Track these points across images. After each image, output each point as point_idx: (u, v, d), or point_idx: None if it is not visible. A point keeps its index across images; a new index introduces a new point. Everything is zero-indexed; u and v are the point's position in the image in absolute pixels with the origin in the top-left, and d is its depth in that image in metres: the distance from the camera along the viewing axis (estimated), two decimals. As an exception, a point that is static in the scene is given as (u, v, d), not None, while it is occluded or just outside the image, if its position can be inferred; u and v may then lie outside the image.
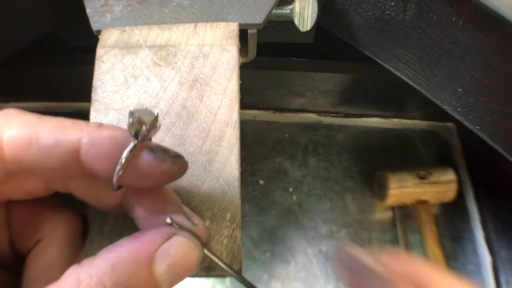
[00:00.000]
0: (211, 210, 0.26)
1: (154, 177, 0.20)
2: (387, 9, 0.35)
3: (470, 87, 0.34)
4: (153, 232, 0.20)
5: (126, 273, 0.18)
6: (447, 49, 0.33)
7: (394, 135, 0.72)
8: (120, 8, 0.32)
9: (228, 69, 0.30)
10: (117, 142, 0.19)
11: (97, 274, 0.18)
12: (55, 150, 0.19)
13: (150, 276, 0.19)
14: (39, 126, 0.19)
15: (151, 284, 0.19)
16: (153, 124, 0.20)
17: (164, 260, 0.20)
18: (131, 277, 0.18)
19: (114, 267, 0.18)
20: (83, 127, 0.20)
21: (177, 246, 0.20)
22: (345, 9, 0.38)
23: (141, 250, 0.19)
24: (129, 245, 0.19)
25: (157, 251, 0.20)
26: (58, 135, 0.19)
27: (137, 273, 0.19)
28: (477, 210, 0.66)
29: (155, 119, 0.20)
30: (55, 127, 0.19)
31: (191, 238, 0.21)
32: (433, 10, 0.32)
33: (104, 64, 0.29)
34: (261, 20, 0.32)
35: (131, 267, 0.19)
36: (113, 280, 0.18)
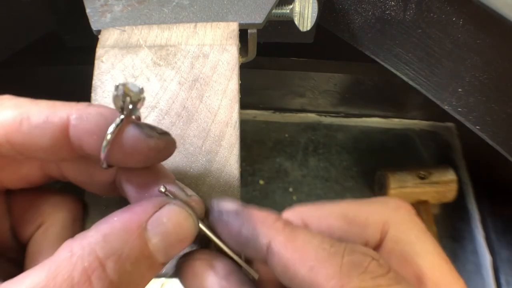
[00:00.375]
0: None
1: (141, 154, 0.21)
2: (387, 9, 0.35)
3: (470, 87, 0.34)
4: (145, 202, 0.20)
5: (117, 243, 0.18)
6: (447, 49, 0.33)
7: (394, 135, 0.72)
8: (120, 8, 0.32)
9: (228, 69, 0.29)
10: (105, 118, 0.20)
11: (89, 245, 0.18)
12: (46, 128, 0.20)
13: (143, 245, 0.19)
14: (30, 107, 0.20)
15: (145, 253, 0.19)
16: (137, 96, 0.20)
17: (156, 229, 0.19)
18: (123, 246, 0.18)
19: (106, 237, 0.18)
20: (72, 105, 0.20)
21: (170, 215, 0.20)
22: (345, 9, 0.38)
23: (132, 219, 0.19)
24: (121, 216, 0.19)
25: (149, 220, 0.19)
26: (48, 113, 0.20)
27: (128, 242, 0.18)
28: (477, 210, 0.66)
29: (140, 91, 0.20)
30: (46, 106, 0.20)
31: (185, 207, 0.21)
32: (433, 10, 0.32)
33: (104, 64, 0.29)
34: (261, 20, 0.32)
35: (122, 236, 0.18)
36: (105, 249, 0.18)
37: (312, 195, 0.66)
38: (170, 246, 0.20)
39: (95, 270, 0.17)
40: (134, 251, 0.19)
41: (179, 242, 0.20)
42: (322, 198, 0.66)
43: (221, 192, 0.27)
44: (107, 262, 0.18)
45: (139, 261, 0.19)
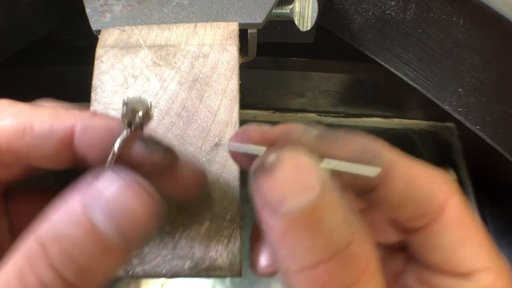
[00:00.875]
0: (211, 210, 0.26)
1: (145, 169, 0.20)
2: (388, 9, 0.35)
3: (471, 87, 0.33)
4: (88, 176, 0.18)
5: (62, 225, 0.17)
6: (447, 49, 0.33)
7: (394, 135, 0.71)
8: (119, 8, 0.32)
9: (228, 69, 0.29)
10: (111, 131, 0.19)
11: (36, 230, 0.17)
12: (49, 138, 0.19)
13: (88, 225, 0.16)
14: (32, 115, 0.19)
15: (92, 235, 0.17)
16: (146, 113, 0.20)
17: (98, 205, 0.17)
18: (65, 227, 0.16)
19: (52, 218, 0.17)
20: (77, 115, 0.20)
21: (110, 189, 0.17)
22: (345, 8, 0.38)
23: (74, 196, 0.17)
24: (67, 193, 0.18)
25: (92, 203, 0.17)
26: (52, 123, 0.19)
27: (73, 223, 0.16)
28: (477, 210, 0.66)
29: (149, 108, 0.20)
30: (49, 115, 0.19)
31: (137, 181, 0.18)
32: (433, 10, 0.32)
33: (103, 64, 0.29)
34: (261, 20, 0.32)
35: (64, 217, 0.17)
36: (51, 234, 0.16)
37: (312, 195, 0.66)
38: (122, 226, 0.17)
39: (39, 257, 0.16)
40: (78, 232, 0.16)
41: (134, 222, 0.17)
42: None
43: (221, 192, 0.27)
44: (51, 247, 0.16)
45: (85, 244, 0.16)
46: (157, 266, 0.25)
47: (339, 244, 0.16)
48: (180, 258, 0.25)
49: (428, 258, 0.22)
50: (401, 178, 0.20)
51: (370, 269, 0.17)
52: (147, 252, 0.25)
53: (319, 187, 0.16)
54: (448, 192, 0.21)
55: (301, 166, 0.17)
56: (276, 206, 0.16)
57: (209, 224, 0.26)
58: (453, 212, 0.21)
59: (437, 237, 0.21)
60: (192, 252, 0.26)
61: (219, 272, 0.25)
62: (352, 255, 0.16)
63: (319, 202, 0.16)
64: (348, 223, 0.16)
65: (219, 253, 0.26)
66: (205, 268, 0.25)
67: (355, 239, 0.16)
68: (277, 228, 0.16)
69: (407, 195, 0.20)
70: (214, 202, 0.26)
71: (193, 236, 0.26)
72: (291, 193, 0.16)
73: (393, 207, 0.21)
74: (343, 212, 0.17)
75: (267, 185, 0.17)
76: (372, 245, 0.17)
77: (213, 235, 0.26)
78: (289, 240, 0.16)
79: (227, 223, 0.26)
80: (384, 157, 0.21)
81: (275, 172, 0.16)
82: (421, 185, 0.21)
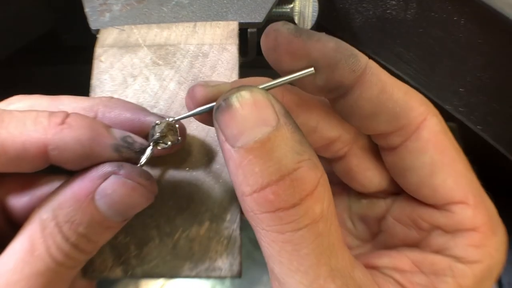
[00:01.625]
0: (211, 210, 0.26)
1: None
2: (388, 8, 0.35)
3: (472, 87, 0.33)
4: (93, 172, 0.21)
5: (70, 210, 0.20)
6: (448, 49, 0.33)
7: (395, 135, 0.71)
8: (119, 7, 0.32)
9: (227, 69, 0.29)
10: (82, 145, 0.21)
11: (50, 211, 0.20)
12: (24, 156, 0.20)
13: (93, 212, 0.21)
14: (1, 137, 0.20)
15: (96, 218, 0.21)
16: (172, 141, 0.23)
17: (103, 199, 0.21)
18: (75, 213, 0.20)
19: (61, 204, 0.20)
20: (46, 127, 0.20)
21: (114, 187, 0.21)
22: (345, 8, 0.38)
23: (81, 188, 0.21)
24: (72, 184, 0.21)
25: (96, 190, 0.21)
26: (24, 142, 0.20)
27: (80, 209, 0.20)
28: (477, 210, 0.66)
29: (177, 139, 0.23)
30: (18, 133, 0.20)
31: (134, 177, 0.21)
32: (434, 9, 0.32)
33: (102, 64, 0.29)
34: (261, 19, 0.32)
35: (73, 204, 0.20)
36: (61, 216, 0.20)
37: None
38: (121, 211, 0.21)
39: (56, 235, 0.20)
40: (86, 217, 0.20)
41: (131, 208, 0.22)
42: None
43: (221, 192, 0.26)
44: (64, 227, 0.20)
45: (92, 225, 0.21)
46: (157, 267, 0.25)
47: (286, 169, 0.18)
48: (180, 259, 0.25)
49: (405, 183, 0.23)
50: (374, 83, 0.21)
51: (316, 193, 0.18)
52: (146, 253, 0.25)
53: (274, 122, 0.18)
54: (425, 111, 0.22)
55: (258, 103, 0.19)
56: (235, 139, 0.18)
57: (209, 224, 0.26)
58: (429, 133, 0.21)
59: (412, 158, 0.22)
60: (191, 253, 0.25)
61: (218, 273, 0.25)
62: (298, 179, 0.18)
63: (272, 136, 0.18)
64: (297, 153, 0.18)
65: (219, 254, 0.25)
66: (204, 268, 0.25)
67: (303, 165, 0.18)
68: (234, 158, 0.19)
69: (380, 103, 0.21)
70: (214, 202, 0.26)
71: (192, 236, 0.26)
72: (248, 127, 0.18)
73: (366, 115, 0.22)
74: (293, 143, 0.19)
75: (226, 121, 0.19)
76: (321, 174, 0.19)
77: (212, 236, 0.26)
78: (244, 167, 0.18)
79: (227, 224, 0.26)
80: (360, 59, 0.21)
81: (233, 109, 0.19)
82: (396, 97, 0.21)
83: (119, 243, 0.25)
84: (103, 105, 0.23)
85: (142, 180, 0.21)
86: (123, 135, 0.22)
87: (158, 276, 0.26)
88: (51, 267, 0.20)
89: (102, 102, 0.24)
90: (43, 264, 0.20)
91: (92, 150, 0.21)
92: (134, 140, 0.22)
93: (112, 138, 0.21)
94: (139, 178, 0.21)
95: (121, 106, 0.24)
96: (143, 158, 0.22)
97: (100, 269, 0.25)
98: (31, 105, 0.23)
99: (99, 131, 0.21)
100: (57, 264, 0.20)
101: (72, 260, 0.21)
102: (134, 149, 0.22)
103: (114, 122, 0.23)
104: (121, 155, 0.22)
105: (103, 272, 0.25)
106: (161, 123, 0.22)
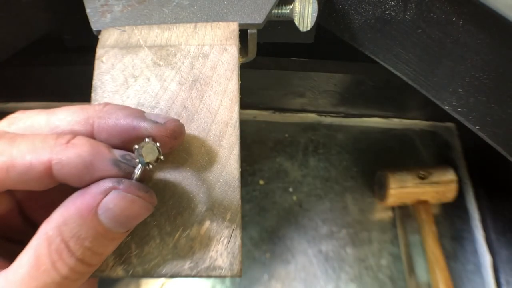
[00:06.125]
0: (211, 210, 0.26)
1: None
2: (387, 9, 0.35)
3: (470, 87, 0.34)
4: (94, 187, 0.22)
5: (75, 225, 0.21)
6: (447, 49, 0.33)
7: (394, 135, 0.72)
8: (120, 8, 0.32)
9: (228, 69, 0.29)
10: (83, 161, 0.22)
11: (56, 228, 0.21)
12: (30, 173, 0.21)
13: (97, 226, 0.22)
14: (12, 151, 0.21)
15: (101, 232, 0.22)
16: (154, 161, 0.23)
17: (105, 213, 0.22)
18: (80, 228, 0.21)
19: (66, 221, 0.21)
20: (52, 146, 0.22)
21: (115, 201, 0.22)
22: (345, 9, 0.38)
23: (83, 204, 0.22)
24: (75, 201, 0.22)
25: (99, 205, 0.22)
26: (31, 158, 0.21)
27: (84, 225, 0.21)
28: (477, 210, 0.66)
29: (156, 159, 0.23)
30: (27, 150, 0.22)
31: (133, 191, 0.22)
32: (433, 10, 0.32)
33: (104, 64, 0.29)
34: (261, 20, 0.32)
35: (78, 220, 0.21)
36: (66, 232, 0.21)
37: (312, 195, 0.66)
38: (123, 223, 0.23)
39: (62, 250, 0.21)
40: (90, 231, 0.22)
41: (133, 220, 0.23)
42: (322, 198, 0.66)
43: (221, 192, 0.27)
44: (70, 242, 0.21)
45: (97, 238, 0.22)
46: (157, 266, 0.25)
47: None
48: (180, 258, 0.26)
49: None
50: None
51: None
52: (147, 252, 0.26)
53: None
54: None
55: None
56: None
57: (209, 224, 0.26)
58: None
59: None
60: (192, 252, 0.26)
61: (219, 272, 0.25)
62: None
63: None
64: None
65: (219, 253, 0.26)
66: (205, 268, 0.25)
67: None
68: None
69: None
70: (214, 202, 0.26)
71: (193, 236, 0.26)
72: None
73: None
74: None
75: None
76: None
77: (213, 235, 0.26)
78: None
79: (227, 223, 0.26)
80: None
81: None
82: None
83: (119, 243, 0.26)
84: (97, 117, 0.24)
85: (141, 193, 0.23)
86: (122, 154, 0.23)
87: (158, 275, 0.26)
88: (57, 281, 0.21)
89: (97, 113, 0.24)
90: (50, 278, 0.21)
91: (93, 164, 0.22)
92: (132, 157, 0.23)
93: (111, 154, 0.23)
94: (137, 191, 0.22)
95: (116, 114, 0.24)
96: (134, 175, 0.23)
97: (101, 268, 0.25)
98: (31, 124, 0.24)
99: (100, 148, 0.22)
100: (63, 278, 0.21)
101: (77, 274, 0.22)
102: (133, 164, 0.23)
103: (110, 134, 0.24)
104: (120, 169, 0.23)
105: (104, 272, 0.25)
106: (140, 147, 0.23)
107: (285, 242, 0.62)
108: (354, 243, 0.63)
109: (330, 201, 0.66)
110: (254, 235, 0.62)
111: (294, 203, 0.65)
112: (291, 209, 0.65)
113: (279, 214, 0.64)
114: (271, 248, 0.61)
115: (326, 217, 0.64)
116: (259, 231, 0.62)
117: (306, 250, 0.62)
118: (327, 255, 0.62)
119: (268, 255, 0.61)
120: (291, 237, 0.63)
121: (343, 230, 0.64)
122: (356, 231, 0.64)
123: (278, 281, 0.59)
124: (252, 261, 0.60)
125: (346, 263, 0.62)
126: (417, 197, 0.63)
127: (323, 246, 0.63)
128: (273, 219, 0.63)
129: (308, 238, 0.63)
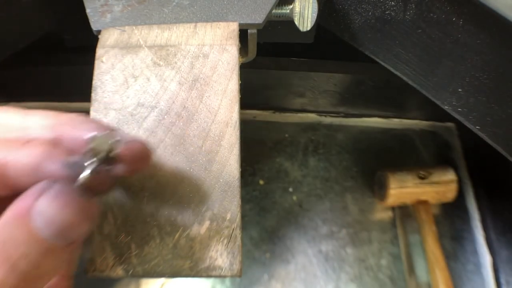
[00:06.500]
0: (211, 210, 0.26)
1: None
2: (387, 9, 0.35)
3: (470, 87, 0.34)
4: (30, 190, 0.21)
5: (10, 229, 0.20)
6: (447, 49, 0.33)
7: (394, 135, 0.72)
8: (120, 8, 0.32)
9: (228, 69, 0.29)
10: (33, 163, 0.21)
11: None
12: None
13: (32, 230, 0.20)
14: None
15: (35, 238, 0.20)
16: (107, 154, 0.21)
17: (39, 218, 0.20)
18: (15, 232, 0.19)
19: (2, 224, 0.20)
20: (8, 147, 0.21)
21: (46, 203, 0.20)
22: (345, 9, 0.38)
23: (18, 207, 0.20)
24: (14, 203, 0.20)
25: (33, 208, 0.20)
26: None
27: (18, 228, 0.20)
28: (477, 210, 0.66)
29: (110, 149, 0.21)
30: None
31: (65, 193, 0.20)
32: (433, 10, 0.32)
33: (104, 64, 0.29)
34: (261, 20, 0.32)
35: (11, 225, 0.20)
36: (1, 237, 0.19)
37: (312, 195, 0.66)
38: (61, 232, 0.20)
39: None
40: (25, 236, 0.19)
41: (70, 228, 0.20)
42: (322, 198, 0.66)
43: (221, 192, 0.27)
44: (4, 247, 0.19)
45: (32, 245, 0.20)
46: (157, 266, 0.25)
47: None
48: (180, 258, 0.26)
49: None
50: None
51: None
52: (147, 252, 0.26)
53: None
54: None
55: None
56: None
57: (209, 224, 0.26)
58: None
59: None
60: (192, 252, 0.26)
61: (219, 272, 0.25)
62: None
63: None
64: None
65: (219, 253, 0.26)
66: (205, 268, 0.25)
67: None
68: None
69: None
70: (214, 202, 0.26)
71: (193, 236, 0.26)
72: None
73: None
74: None
75: None
76: None
77: (213, 235, 0.26)
78: None
79: (227, 223, 0.26)
80: None
81: None
82: None
83: (120, 242, 0.26)
84: (68, 125, 0.23)
85: (75, 197, 0.20)
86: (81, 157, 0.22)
87: (158, 275, 0.26)
88: None
89: (68, 123, 0.23)
90: None
91: (42, 165, 0.21)
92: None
93: (65, 157, 0.21)
94: (70, 194, 0.20)
95: (86, 127, 0.23)
96: (81, 177, 0.21)
97: (101, 268, 0.25)
98: (4, 123, 0.23)
99: (53, 151, 0.21)
100: None
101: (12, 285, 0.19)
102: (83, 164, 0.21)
103: (75, 144, 0.23)
104: (74, 172, 0.21)
105: (104, 272, 0.25)
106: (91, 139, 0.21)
107: (285, 242, 0.62)
108: (354, 243, 0.63)
109: (330, 201, 0.66)
110: (254, 235, 0.62)
111: (294, 203, 0.65)
112: (291, 209, 0.65)
113: (279, 214, 0.64)
114: (271, 248, 0.61)
115: (326, 217, 0.64)
116: (259, 231, 0.62)
117: (306, 250, 0.62)
118: (327, 255, 0.62)
119: (268, 255, 0.61)
120: (291, 237, 0.63)
121: (343, 230, 0.64)
122: (356, 231, 0.64)
123: (278, 281, 0.59)
124: (252, 261, 0.60)
125: (346, 263, 0.62)
126: (417, 197, 0.63)
127: (323, 246, 0.63)
128: (273, 219, 0.64)
129: (308, 238, 0.63)
